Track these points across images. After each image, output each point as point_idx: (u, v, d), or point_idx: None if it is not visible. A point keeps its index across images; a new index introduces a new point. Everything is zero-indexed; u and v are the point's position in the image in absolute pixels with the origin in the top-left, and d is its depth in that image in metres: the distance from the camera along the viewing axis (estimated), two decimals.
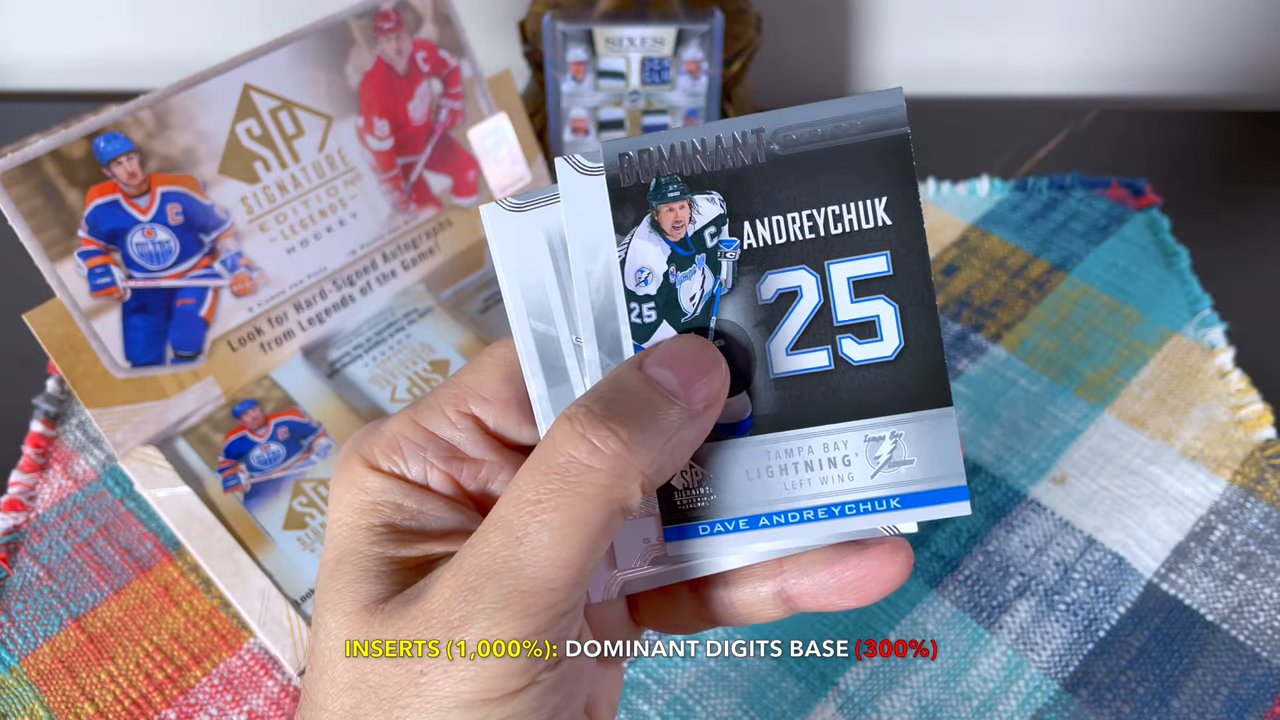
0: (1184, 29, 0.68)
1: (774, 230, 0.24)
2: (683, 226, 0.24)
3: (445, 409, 0.26)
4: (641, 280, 0.24)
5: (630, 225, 0.24)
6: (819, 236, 0.24)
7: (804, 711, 0.40)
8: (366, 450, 0.26)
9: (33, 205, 0.40)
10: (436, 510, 0.25)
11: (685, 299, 0.24)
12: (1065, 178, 0.60)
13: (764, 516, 0.25)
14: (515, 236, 0.25)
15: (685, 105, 0.57)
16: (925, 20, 0.68)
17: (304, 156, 0.47)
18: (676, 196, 0.24)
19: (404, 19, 0.48)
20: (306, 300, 0.49)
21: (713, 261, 0.24)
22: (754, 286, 0.24)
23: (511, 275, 0.25)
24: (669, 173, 0.24)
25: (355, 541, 0.25)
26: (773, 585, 0.26)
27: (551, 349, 0.25)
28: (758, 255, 0.24)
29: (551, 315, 0.25)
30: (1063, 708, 0.40)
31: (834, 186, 0.24)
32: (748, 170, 0.24)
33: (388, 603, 0.23)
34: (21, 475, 0.48)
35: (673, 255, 0.24)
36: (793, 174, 0.24)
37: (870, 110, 0.24)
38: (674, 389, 0.23)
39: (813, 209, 0.24)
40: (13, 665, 0.42)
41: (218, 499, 0.45)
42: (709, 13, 0.54)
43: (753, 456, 0.25)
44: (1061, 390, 0.50)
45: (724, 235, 0.24)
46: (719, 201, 0.24)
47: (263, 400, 0.47)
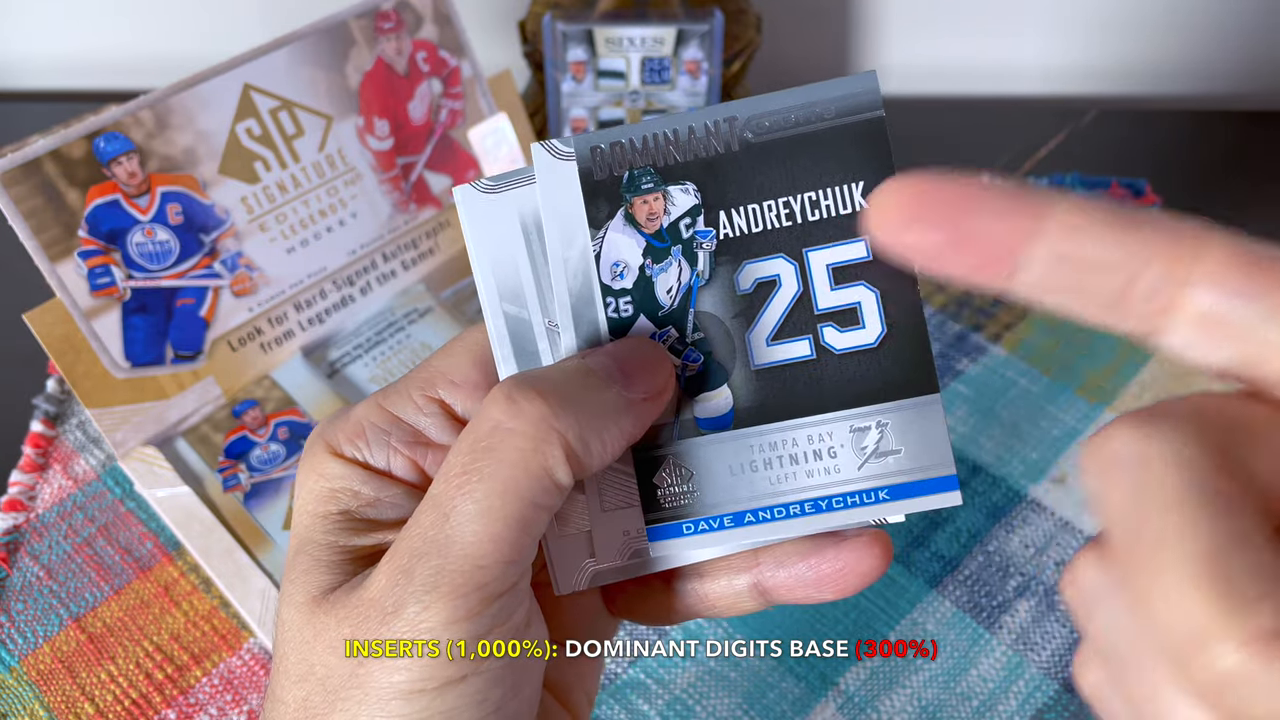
0: (1183, 29, 0.68)
1: (750, 219, 0.24)
2: (657, 218, 0.24)
3: (413, 393, 0.25)
4: (617, 274, 0.24)
5: (604, 218, 0.24)
6: (796, 224, 0.24)
7: (804, 711, 0.40)
8: (331, 436, 0.25)
9: (33, 205, 0.40)
10: (395, 497, 0.24)
11: (662, 292, 0.24)
12: (1065, 178, 0.60)
13: (749, 513, 0.24)
14: (488, 218, 0.24)
15: (685, 105, 0.57)
16: (925, 20, 0.68)
17: (304, 156, 0.47)
18: (650, 188, 0.24)
19: (404, 19, 0.48)
20: (306, 300, 0.49)
21: (689, 253, 0.24)
22: (732, 277, 0.24)
23: (484, 257, 0.24)
24: (641, 164, 0.24)
25: (312, 530, 0.24)
26: (748, 577, 0.26)
27: (523, 332, 0.25)
28: (734, 245, 0.24)
29: (524, 298, 0.24)
30: (1062, 708, 0.40)
31: (809, 172, 0.23)
32: (722, 159, 0.24)
33: (334, 592, 0.23)
34: (21, 475, 0.48)
35: (648, 248, 0.24)
36: (767, 161, 0.24)
37: (844, 95, 0.23)
38: (614, 375, 0.23)
39: (789, 196, 0.24)
40: (13, 665, 0.42)
41: (218, 499, 0.45)
42: (709, 13, 0.54)
43: (735, 451, 0.24)
44: (1061, 390, 0.50)
45: (699, 226, 0.24)
46: (693, 192, 0.24)
47: (263, 400, 0.47)
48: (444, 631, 0.21)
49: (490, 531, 0.21)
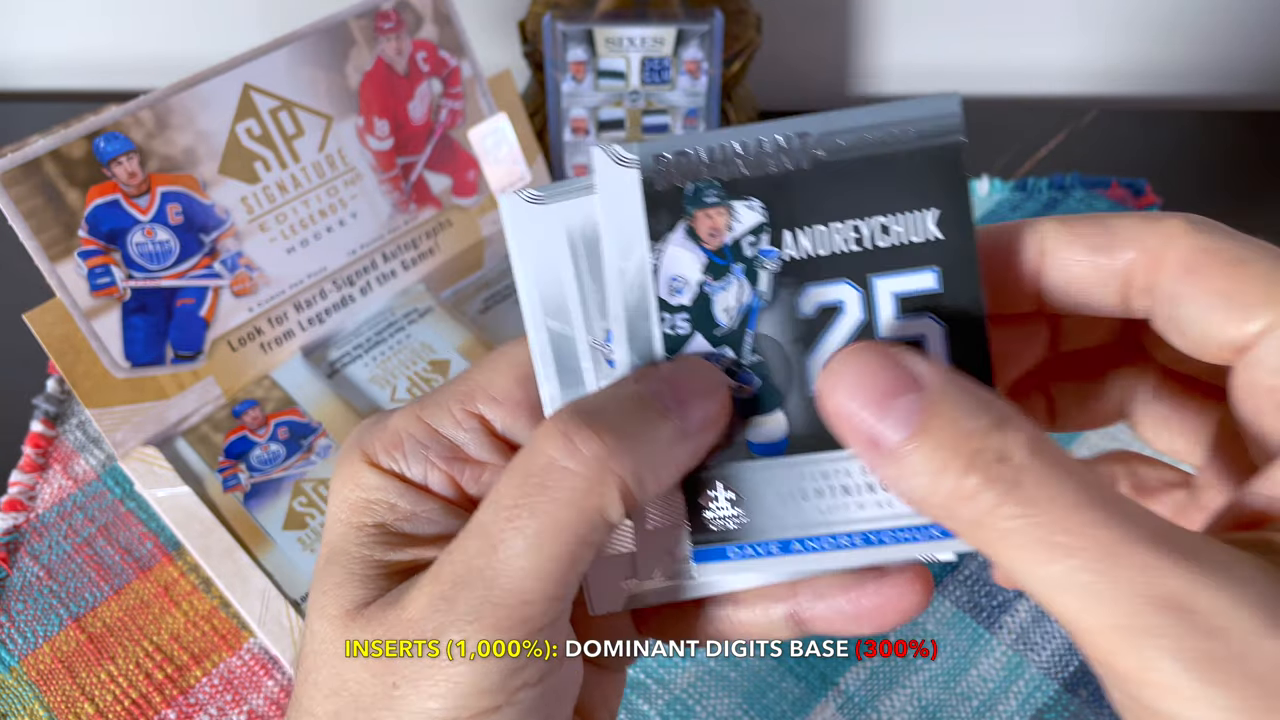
0: (1184, 29, 0.68)
1: (817, 240, 0.23)
2: (720, 234, 0.23)
3: (452, 407, 0.25)
4: (675, 290, 0.23)
5: (665, 231, 0.23)
6: (864, 249, 0.23)
7: (804, 711, 0.40)
8: (368, 444, 0.25)
9: (33, 205, 0.40)
10: (432, 513, 0.24)
11: (720, 310, 0.23)
12: (1065, 178, 0.60)
13: (797, 541, 0.24)
14: (534, 230, 0.24)
15: (685, 105, 0.57)
16: (925, 20, 0.68)
17: (304, 156, 0.47)
18: (715, 202, 0.23)
19: (404, 19, 0.48)
20: (306, 300, 0.49)
21: (751, 272, 0.23)
22: (793, 300, 0.23)
23: (528, 271, 0.24)
24: (707, 177, 0.23)
25: (346, 541, 0.24)
26: (785, 607, 0.25)
27: (567, 350, 0.24)
28: (798, 267, 0.23)
29: (569, 314, 0.24)
30: (1063, 708, 0.40)
31: (882, 196, 0.22)
32: (791, 176, 0.23)
33: (369, 607, 0.23)
34: (21, 475, 0.48)
35: (709, 264, 0.23)
36: (839, 182, 0.23)
37: (924, 116, 0.22)
38: (669, 405, 0.22)
39: (858, 219, 0.23)
40: (13, 665, 0.42)
41: (218, 499, 0.45)
42: (709, 13, 0.54)
43: (787, 478, 0.23)
44: None
45: (763, 244, 0.23)
46: (759, 209, 0.23)
47: (263, 400, 0.47)
48: (483, 664, 0.21)
49: (538, 568, 0.21)
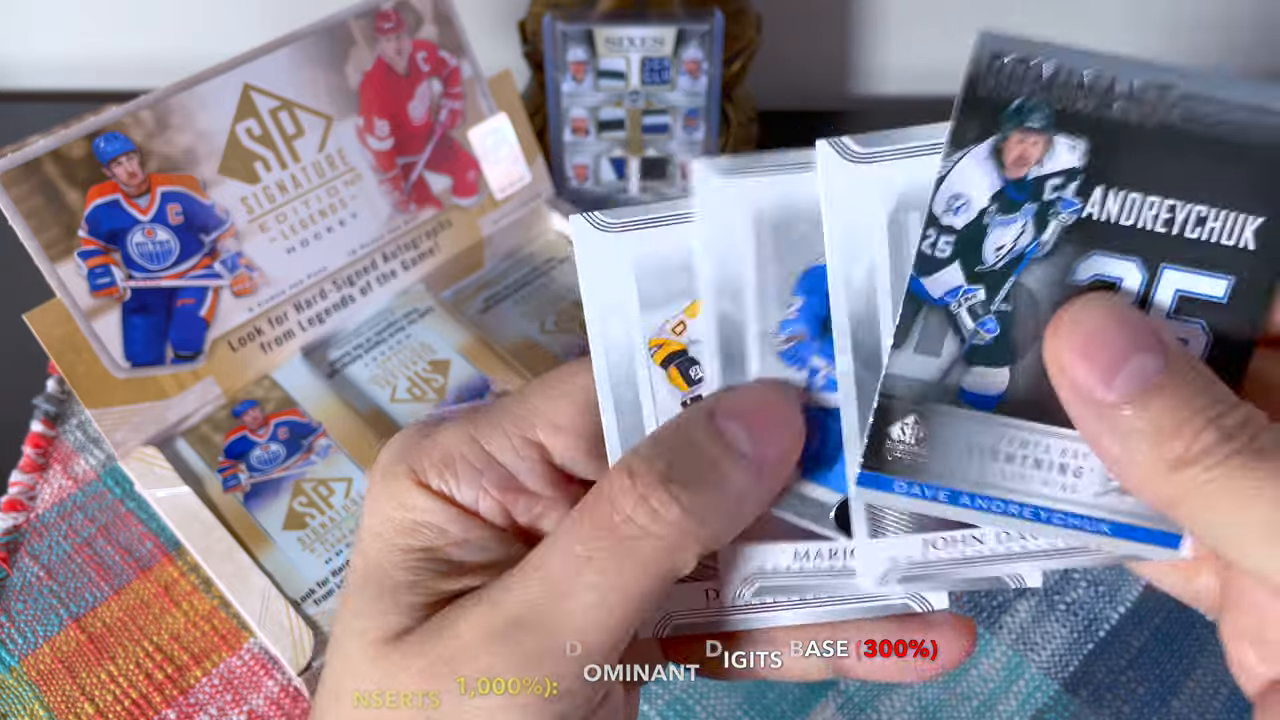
0: (1184, 29, 0.68)
1: (1126, 208, 0.21)
2: (1026, 164, 0.21)
3: (510, 431, 0.24)
4: (953, 208, 0.21)
5: (969, 140, 0.21)
6: (1169, 234, 0.21)
7: (804, 711, 0.40)
8: (416, 461, 0.24)
9: (33, 205, 0.40)
10: (483, 540, 0.23)
11: (991, 247, 0.21)
12: None
13: (967, 495, 0.22)
14: (602, 258, 0.23)
15: (685, 105, 0.57)
16: (925, 20, 0.68)
17: (304, 156, 0.47)
18: (1038, 128, 0.21)
19: (404, 19, 0.48)
20: (306, 300, 0.49)
21: (1041, 217, 0.21)
22: (1072, 261, 0.21)
23: (595, 297, 0.23)
24: (1040, 97, 0.20)
25: (389, 563, 0.23)
26: (824, 652, 0.25)
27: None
28: (1093, 229, 0.21)
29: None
30: (1063, 708, 0.40)
31: (1213, 185, 0.20)
32: (1130, 129, 0.20)
33: (410, 634, 0.22)
34: (21, 475, 0.48)
35: (999, 193, 0.21)
36: (1178, 153, 0.20)
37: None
38: (744, 447, 0.21)
39: (1178, 200, 0.20)
40: (13, 665, 0.42)
41: (218, 499, 0.45)
42: (709, 13, 0.54)
43: (984, 433, 0.22)
44: None
45: (1069, 193, 0.21)
46: (1081, 153, 0.20)
47: (263, 400, 0.47)
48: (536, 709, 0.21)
49: (604, 623, 0.21)
